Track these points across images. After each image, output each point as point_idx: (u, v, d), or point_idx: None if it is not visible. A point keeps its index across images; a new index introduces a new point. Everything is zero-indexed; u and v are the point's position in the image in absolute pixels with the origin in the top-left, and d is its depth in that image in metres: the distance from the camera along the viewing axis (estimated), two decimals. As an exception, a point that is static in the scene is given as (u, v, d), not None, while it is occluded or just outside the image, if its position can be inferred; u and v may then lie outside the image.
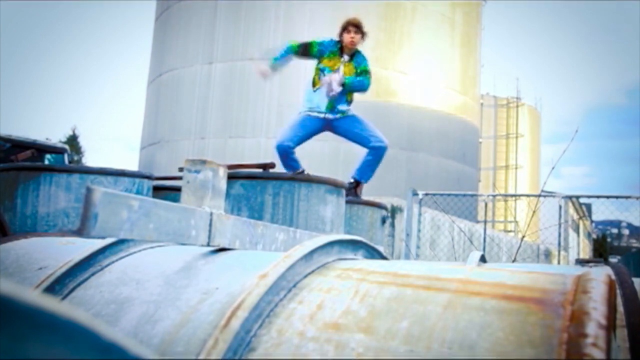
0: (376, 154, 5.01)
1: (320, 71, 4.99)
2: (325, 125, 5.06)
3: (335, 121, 5.03)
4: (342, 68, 4.97)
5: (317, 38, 5.11)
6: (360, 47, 5.10)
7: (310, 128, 5.02)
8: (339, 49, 4.99)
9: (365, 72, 5.03)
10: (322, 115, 4.99)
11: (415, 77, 14.54)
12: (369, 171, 5.04)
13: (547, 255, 16.76)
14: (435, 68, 14.99)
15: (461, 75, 16.04)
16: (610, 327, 0.74)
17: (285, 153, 4.83)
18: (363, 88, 5.04)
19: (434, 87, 14.97)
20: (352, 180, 5.02)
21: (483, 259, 1.97)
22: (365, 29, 5.02)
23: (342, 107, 5.02)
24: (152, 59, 17.01)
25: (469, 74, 16.49)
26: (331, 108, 4.99)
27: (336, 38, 5.02)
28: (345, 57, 5.00)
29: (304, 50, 5.02)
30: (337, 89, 4.90)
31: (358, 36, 4.95)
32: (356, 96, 5.16)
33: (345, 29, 4.98)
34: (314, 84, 5.02)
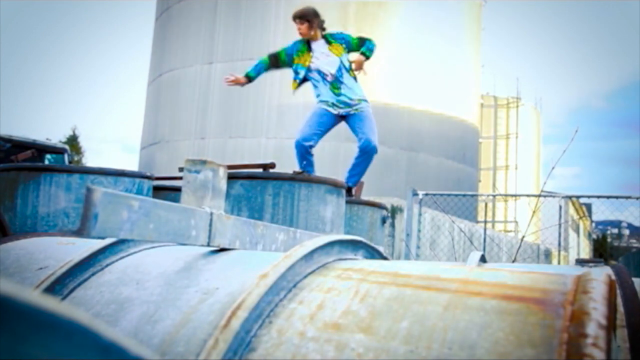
0: (362, 155, 5.00)
1: (294, 72, 5.08)
2: (338, 119, 5.10)
3: (347, 116, 5.06)
4: (326, 52, 5.01)
5: (284, 44, 5.20)
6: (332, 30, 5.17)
7: (327, 123, 5.05)
8: (306, 42, 5.06)
9: (359, 40, 5.10)
10: (335, 112, 5.01)
11: (415, 77, 14.54)
12: (355, 174, 5.05)
13: (547, 255, 16.76)
14: (436, 68, 14.99)
15: (461, 75, 16.04)
16: (610, 327, 0.74)
17: (304, 151, 4.90)
18: (371, 49, 5.09)
19: (434, 87, 14.97)
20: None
21: (483, 259, 1.97)
22: (308, 11, 5.06)
23: (353, 93, 5.00)
24: (152, 59, 17.01)
25: (469, 74, 16.49)
26: (337, 94, 4.98)
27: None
28: (319, 44, 5.03)
29: (275, 60, 5.14)
30: (332, 67, 4.97)
31: (304, 26, 5.01)
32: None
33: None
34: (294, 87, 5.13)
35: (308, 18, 5.02)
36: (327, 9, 13.29)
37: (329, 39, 5.06)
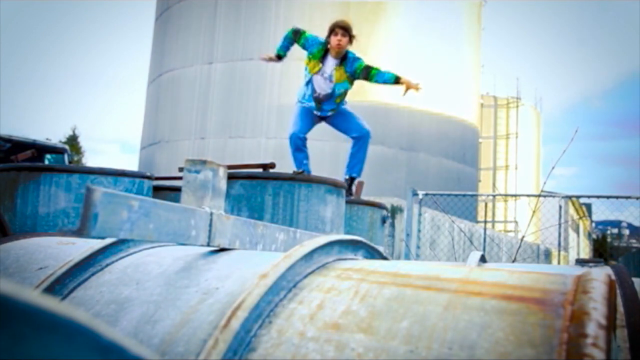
0: (357, 143, 5.01)
1: (305, 69, 5.01)
2: (319, 120, 5.13)
3: (326, 117, 5.10)
4: (333, 73, 4.88)
5: (310, 32, 5.02)
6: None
7: (312, 119, 5.08)
8: (324, 50, 4.84)
9: (368, 69, 4.92)
10: (314, 112, 5.04)
11: (414, 77, 14.53)
12: (356, 163, 5.01)
13: (547, 255, 16.76)
14: (435, 68, 14.99)
15: (461, 75, 16.04)
16: (610, 327, 0.74)
17: (300, 143, 4.88)
18: (386, 79, 5.00)
19: (434, 87, 14.96)
20: (346, 178, 5.03)
21: (483, 259, 1.97)
22: (354, 32, 4.87)
23: (330, 107, 5.02)
24: (152, 59, 17.01)
25: (469, 74, 16.48)
26: (319, 108, 5.01)
27: (324, 39, 4.87)
28: (332, 61, 4.86)
29: (295, 36, 4.97)
30: (325, 91, 4.90)
31: (345, 39, 4.76)
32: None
33: (332, 30, 4.79)
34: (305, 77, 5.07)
35: (351, 33, 4.80)
36: (328, 8, 13.30)
37: (342, 64, 4.83)
